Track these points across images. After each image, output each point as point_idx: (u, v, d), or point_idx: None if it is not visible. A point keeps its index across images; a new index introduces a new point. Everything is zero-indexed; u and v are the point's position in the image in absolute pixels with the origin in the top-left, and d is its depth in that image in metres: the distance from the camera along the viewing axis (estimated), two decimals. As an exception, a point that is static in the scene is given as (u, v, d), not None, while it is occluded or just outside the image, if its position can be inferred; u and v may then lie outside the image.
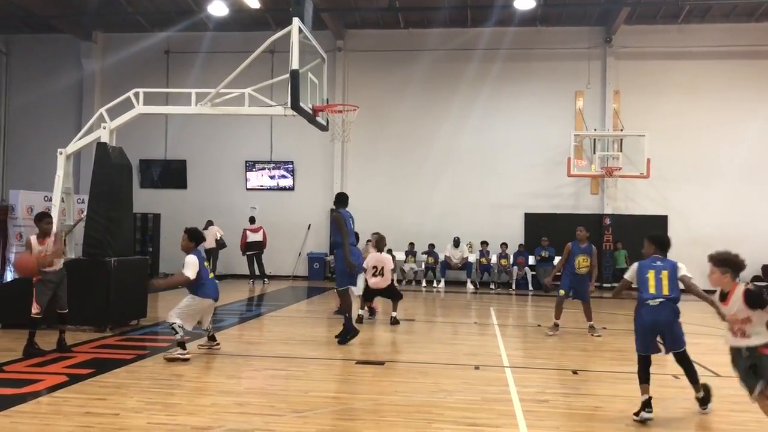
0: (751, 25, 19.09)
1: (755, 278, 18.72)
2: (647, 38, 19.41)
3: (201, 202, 20.31)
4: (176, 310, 8.00)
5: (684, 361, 6.07)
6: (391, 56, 20.27)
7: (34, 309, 8.16)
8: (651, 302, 5.87)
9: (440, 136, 20.07)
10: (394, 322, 11.19)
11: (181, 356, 7.74)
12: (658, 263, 6.08)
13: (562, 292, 10.42)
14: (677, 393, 6.86)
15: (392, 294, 11.48)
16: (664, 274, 5.98)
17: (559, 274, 10.64)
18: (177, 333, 7.84)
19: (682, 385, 7.23)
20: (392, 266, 11.56)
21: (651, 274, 5.98)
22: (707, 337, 10.92)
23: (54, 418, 5.54)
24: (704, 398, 6.08)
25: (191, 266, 7.96)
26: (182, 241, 8.28)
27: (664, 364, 8.22)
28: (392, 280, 11.57)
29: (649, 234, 6.48)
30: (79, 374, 7.05)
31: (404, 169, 20.20)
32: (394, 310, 11.34)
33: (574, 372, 7.72)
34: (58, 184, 11.01)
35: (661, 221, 19.17)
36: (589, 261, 10.27)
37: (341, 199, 9.75)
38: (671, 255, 6.35)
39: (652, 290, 5.90)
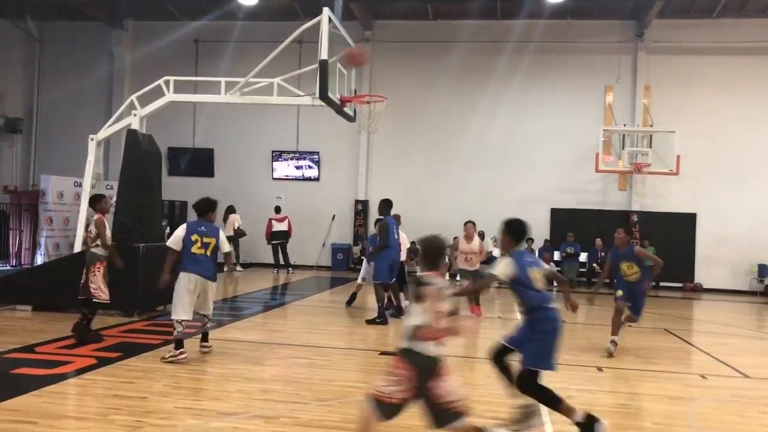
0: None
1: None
2: (680, 33, 19.06)
3: (228, 190, 20.43)
4: (173, 302, 7.29)
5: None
6: (420, 48, 20.17)
7: (105, 296, 8.20)
8: (554, 307, 4.93)
9: (468, 129, 19.94)
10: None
11: (174, 359, 6.98)
12: (529, 259, 5.02)
13: (619, 292, 8.64)
14: (704, 392, 6.78)
15: (403, 282, 11.47)
16: (540, 273, 4.98)
17: (608, 281, 9.42)
18: (175, 329, 7.13)
19: (708, 384, 7.16)
20: (408, 245, 12.03)
21: (535, 273, 4.91)
22: (736, 338, 10.78)
23: (83, 399, 5.65)
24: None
25: (173, 235, 7.44)
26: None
27: (690, 363, 8.10)
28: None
29: (506, 220, 5.13)
30: (108, 357, 7.16)
31: (431, 162, 20.12)
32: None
33: (600, 369, 7.65)
34: (89, 170, 11.19)
35: (689, 219, 18.89)
36: (635, 266, 8.50)
37: (389, 205, 10.75)
38: (703, 251, 6.20)
39: (542, 290, 4.91)
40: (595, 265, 18.47)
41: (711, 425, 5.67)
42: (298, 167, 20.95)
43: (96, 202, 8.70)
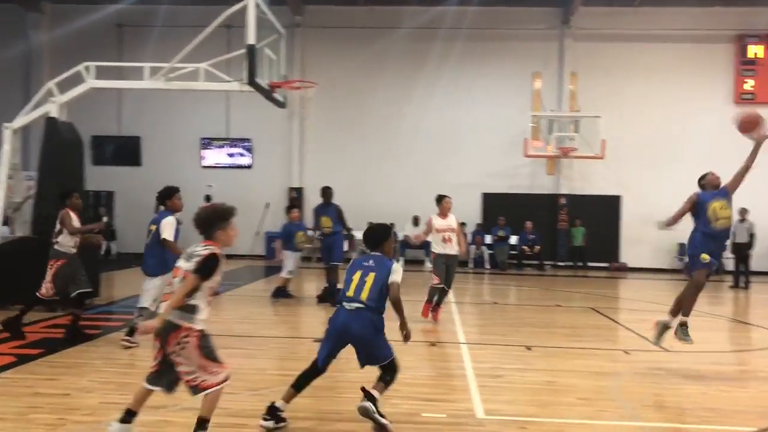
0: (703, 10, 19.37)
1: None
2: (605, 20, 19.59)
3: (156, 179, 19.54)
4: None
5: (389, 369, 5.10)
6: (351, 34, 20.04)
7: (45, 291, 7.78)
8: (347, 305, 4.92)
9: (403, 115, 19.99)
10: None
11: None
12: (370, 263, 5.08)
13: (705, 257, 6.74)
14: (627, 367, 7.05)
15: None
16: (371, 276, 4.98)
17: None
18: None
19: (631, 359, 7.46)
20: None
21: (357, 275, 5.01)
22: (658, 314, 11.26)
23: (0, 399, 5.40)
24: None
25: None
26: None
27: (615, 339, 8.42)
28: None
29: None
30: (28, 354, 6.86)
31: (366, 148, 20.08)
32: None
33: (528, 348, 7.85)
34: (5, 159, 10.67)
35: (614, 201, 19.58)
36: (729, 208, 6.84)
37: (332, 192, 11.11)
38: (628, 232, 6.33)
39: (350, 292, 4.94)
40: (524, 247, 18.96)
41: (633, 397, 5.91)
42: (230, 155, 20.57)
43: (66, 197, 8.26)
